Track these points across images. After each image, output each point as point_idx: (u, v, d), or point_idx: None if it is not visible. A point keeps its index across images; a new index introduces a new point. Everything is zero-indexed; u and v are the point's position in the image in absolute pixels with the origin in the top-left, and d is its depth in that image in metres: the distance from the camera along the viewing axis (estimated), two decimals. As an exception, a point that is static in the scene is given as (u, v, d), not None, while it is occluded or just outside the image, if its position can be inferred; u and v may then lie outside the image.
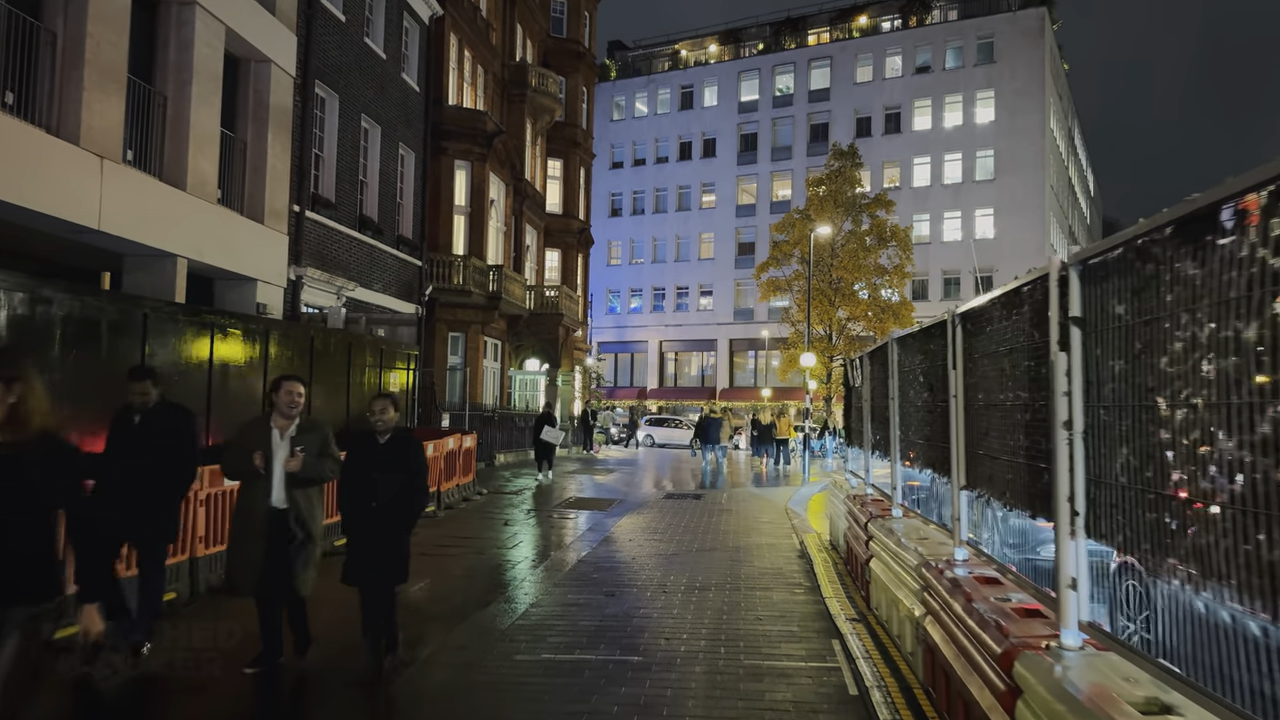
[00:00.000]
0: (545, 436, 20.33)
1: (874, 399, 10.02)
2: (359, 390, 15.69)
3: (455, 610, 7.97)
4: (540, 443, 20.45)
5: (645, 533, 12.97)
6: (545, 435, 20.32)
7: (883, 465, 10.35)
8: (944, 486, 6.67)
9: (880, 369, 9.51)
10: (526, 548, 11.71)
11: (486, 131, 27.33)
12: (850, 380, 12.08)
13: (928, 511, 7.32)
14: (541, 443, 20.40)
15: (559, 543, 12.05)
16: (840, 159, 41.25)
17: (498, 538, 12.48)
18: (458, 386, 26.89)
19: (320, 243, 19.59)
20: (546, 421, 20.66)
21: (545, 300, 33.10)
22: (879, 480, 10.16)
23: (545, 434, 20.31)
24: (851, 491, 10.90)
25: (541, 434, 20.34)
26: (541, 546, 11.92)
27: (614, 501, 17.02)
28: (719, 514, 15.40)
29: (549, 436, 20.36)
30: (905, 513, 8.14)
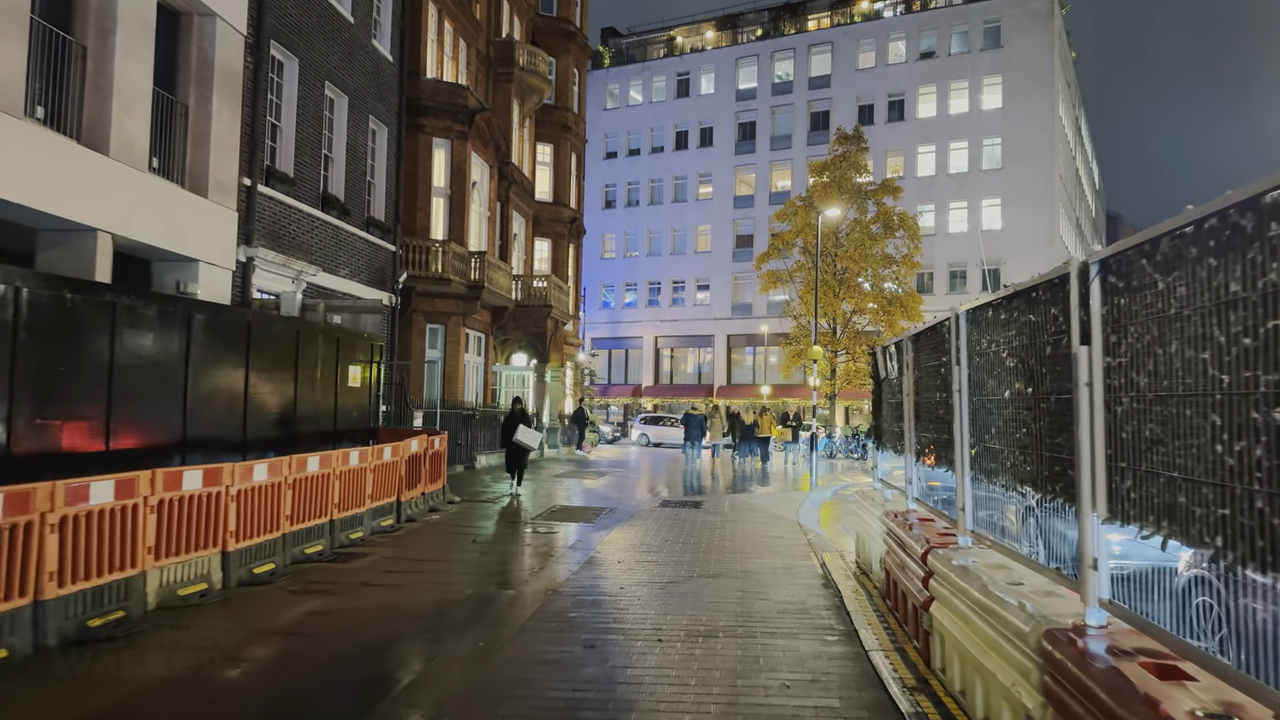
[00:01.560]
0: (520, 439, 17.02)
1: (920, 393, 8.06)
2: (310, 385, 13.71)
3: (375, 680, 5.98)
4: (512, 447, 17.22)
5: (637, 551, 11.00)
6: (520, 438, 17.00)
7: (917, 471, 8.47)
8: (1054, 514, 4.72)
9: (932, 354, 7.56)
10: (493, 574, 9.74)
11: (468, 108, 25.32)
12: (882, 371, 10.13)
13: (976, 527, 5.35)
14: (514, 447, 17.18)
15: (535, 567, 10.07)
16: (844, 143, 39.27)
17: (461, 560, 10.50)
18: (436, 382, 24.88)
19: (276, 221, 17.58)
20: (520, 420, 17.30)
21: (533, 291, 31.10)
22: (924, 490, 8.21)
23: (520, 436, 17.00)
24: (889, 507, 8.93)
25: (515, 436, 17.01)
26: (512, 572, 9.94)
27: (603, 511, 15.05)
28: (722, 526, 13.44)
29: (524, 439, 17.05)
30: (976, 540, 6.19)
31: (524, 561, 10.44)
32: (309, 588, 8.63)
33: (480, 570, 9.87)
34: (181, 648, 6.56)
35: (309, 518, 10.11)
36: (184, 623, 7.16)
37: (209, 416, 11.00)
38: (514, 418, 17.40)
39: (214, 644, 6.67)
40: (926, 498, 10.47)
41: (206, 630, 7.02)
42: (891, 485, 9.90)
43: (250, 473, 8.97)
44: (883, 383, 10.23)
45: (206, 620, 7.29)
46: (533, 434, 17.34)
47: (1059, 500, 4.65)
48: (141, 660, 6.24)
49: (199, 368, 10.73)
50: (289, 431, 12.94)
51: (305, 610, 7.79)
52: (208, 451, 10.69)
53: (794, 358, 40.72)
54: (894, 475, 9.92)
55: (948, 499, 10.37)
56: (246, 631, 7.02)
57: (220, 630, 7.03)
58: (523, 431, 17.04)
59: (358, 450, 11.53)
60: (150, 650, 6.43)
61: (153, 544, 7.49)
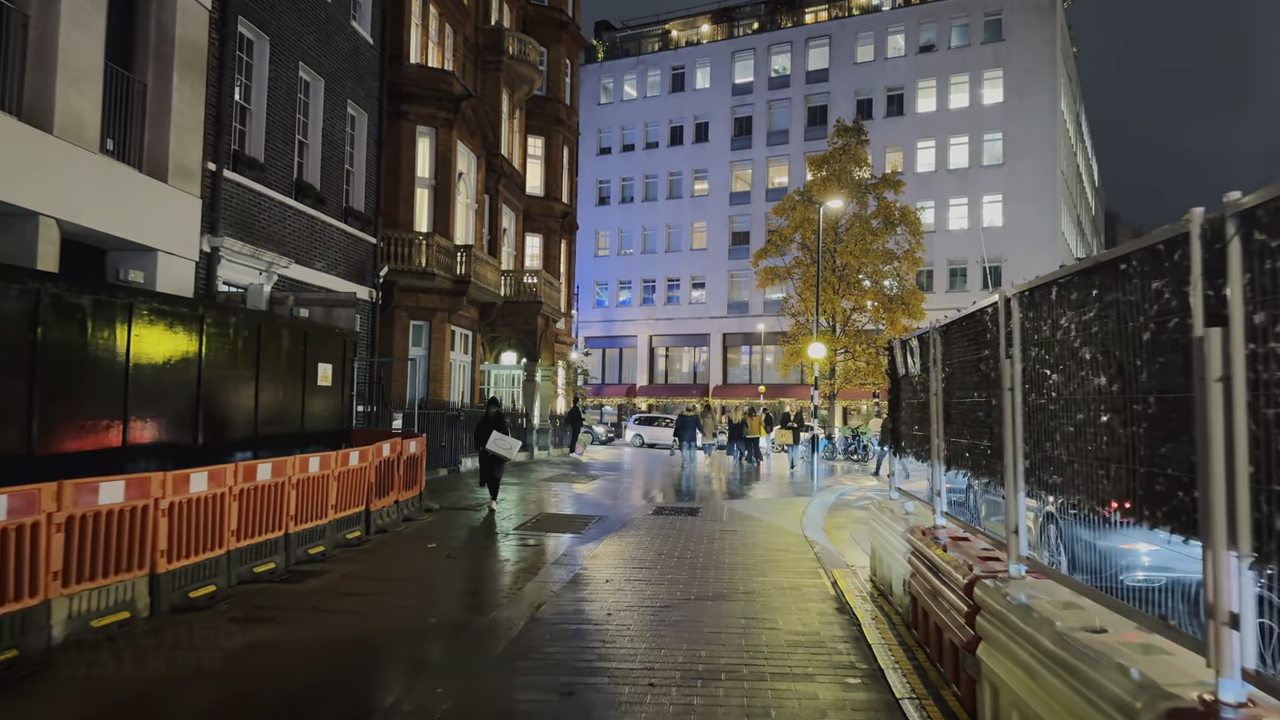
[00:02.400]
0: (494, 447, 14.59)
1: (952, 392, 7.01)
2: (274, 383, 12.61)
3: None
4: (486, 455, 14.84)
5: (627, 567, 9.94)
6: (494, 445, 14.57)
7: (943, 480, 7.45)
8: (1168, 544, 3.67)
9: (969, 347, 6.50)
10: (464, 597, 8.68)
11: (453, 94, 24.23)
12: (901, 367, 9.08)
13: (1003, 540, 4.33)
14: (488, 455, 14.81)
15: (512, 587, 8.99)
16: (844, 135, 38.22)
17: (430, 579, 9.43)
18: (420, 381, 23.79)
19: (244, 210, 16.49)
20: (495, 425, 14.90)
21: (523, 287, 30.01)
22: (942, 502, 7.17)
23: (494, 443, 14.57)
24: (913, 521, 7.87)
25: (489, 443, 14.59)
26: (486, 594, 8.87)
27: (592, 520, 13.98)
28: (720, 537, 12.38)
29: (498, 447, 14.62)
30: (1029, 568, 5.14)
31: (500, 580, 9.36)
32: (252, 614, 7.55)
33: (450, 591, 8.80)
34: (72, 693, 5.48)
35: (260, 532, 9.03)
36: (87, 661, 6.07)
37: (156, 419, 9.91)
38: (488, 421, 15.06)
39: (109, 690, 5.59)
40: (921, 493, 9.45)
41: (109, 670, 5.94)
42: (912, 496, 8.85)
43: (186, 483, 7.88)
44: (901, 381, 9.18)
45: (115, 658, 6.21)
46: (509, 441, 14.86)
47: (1165, 528, 3.59)
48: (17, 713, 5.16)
49: (142, 364, 9.63)
50: (249, 434, 11.84)
51: (239, 644, 6.71)
52: (154, 458, 9.60)
53: (791, 356, 39.68)
54: (912, 484, 8.88)
55: (958, 501, 9.34)
56: (157, 673, 5.95)
57: (127, 671, 5.96)
58: (497, 438, 14.66)
59: (319, 456, 10.45)
60: (34, 697, 5.35)
61: (60, 568, 6.40)
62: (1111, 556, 8.64)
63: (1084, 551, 8.45)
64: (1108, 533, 7.93)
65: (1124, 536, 8.08)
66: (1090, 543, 8.22)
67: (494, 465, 14.98)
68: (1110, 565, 8.42)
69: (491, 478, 15.08)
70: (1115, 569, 8.55)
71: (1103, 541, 8.34)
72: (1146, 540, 7.71)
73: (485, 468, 15.14)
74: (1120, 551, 8.69)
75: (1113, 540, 8.23)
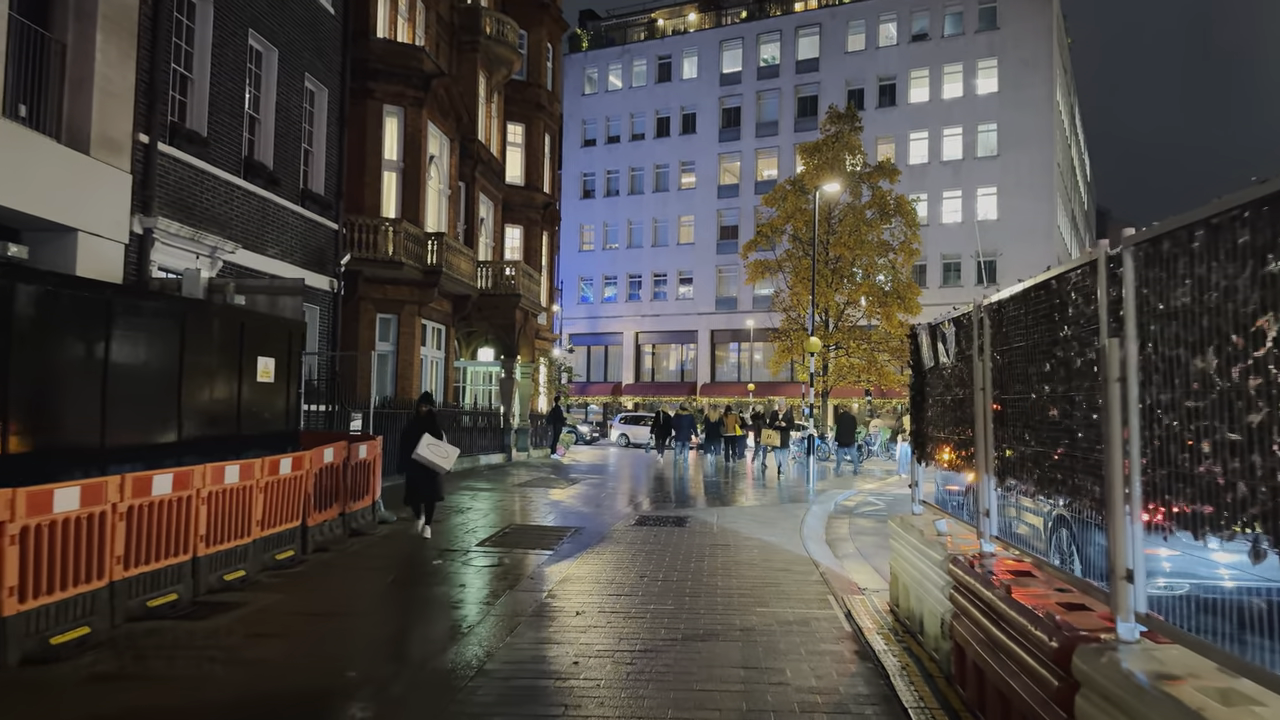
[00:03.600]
0: (424, 455, 11.26)
1: (1010, 386, 5.53)
2: (202, 379, 11.03)
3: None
4: (412, 468, 11.43)
5: (604, 594, 8.44)
6: (424, 453, 11.26)
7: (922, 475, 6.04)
8: None
9: (1035, 327, 5.03)
10: (400, 638, 7.16)
11: (423, 71, 22.65)
12: (927, 357, 7.61)
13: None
14: (415, 468, 11.40)
15: (461, 624, 7.46)
16: (837, 122, 36.79)
17: (364, 613, 7.89)
18: (388, 378, 22.22)
19: (183, 188, 14.90)
20: (426, 428, 11.56)
21: (501, 279, 28.42)
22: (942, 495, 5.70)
23: (424, 451, 11.27)
24: (949, 546, 6.39)
25: (418, 449, 11.25)
26: (428, 634, 7.35)
27: (568, 532, 12.47)
28: (711, 553, 10.89)
29: (430, 456, 11.28)
30: (1147, 626, 3.67)
31: (449, 615, 7.83)
32: (126, 667, 6.02)
33: (383, 631, 7.27)
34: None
35: (157, 557, 7.48)
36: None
37: (49, 422, 8.35)
38: (418, 423, 11.71)
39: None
40: (944, 505, 7.99)
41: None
42: (939, 511, 7.37)
43: (48, 501, 6.33)
44: (929, 374, 7.71)
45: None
46: (445, 448, 11.50)
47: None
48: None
49: (27, 356, 8.07)
50: (171, 438, 10.28)
51: (84, 716, 5.16)
52: (40, 466, 8.04)
53: (783, 354, 38.23)
54: (951, 496, 7.40)
55: (959, 504, 7.89)
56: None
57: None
58: (429, 445, 11.30)
59: (239, 464, 8.89)
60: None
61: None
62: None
63: (1099, 557, 7.08)
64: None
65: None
66: (1104, 547, 6.80)
67: (426, 480, 11.47)
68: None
69: (422, 496, 11.59)
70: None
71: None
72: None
73: (413, 483, 11.54)
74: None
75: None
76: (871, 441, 35.49)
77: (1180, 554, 7.23)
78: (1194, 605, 3.76)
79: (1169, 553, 7.67)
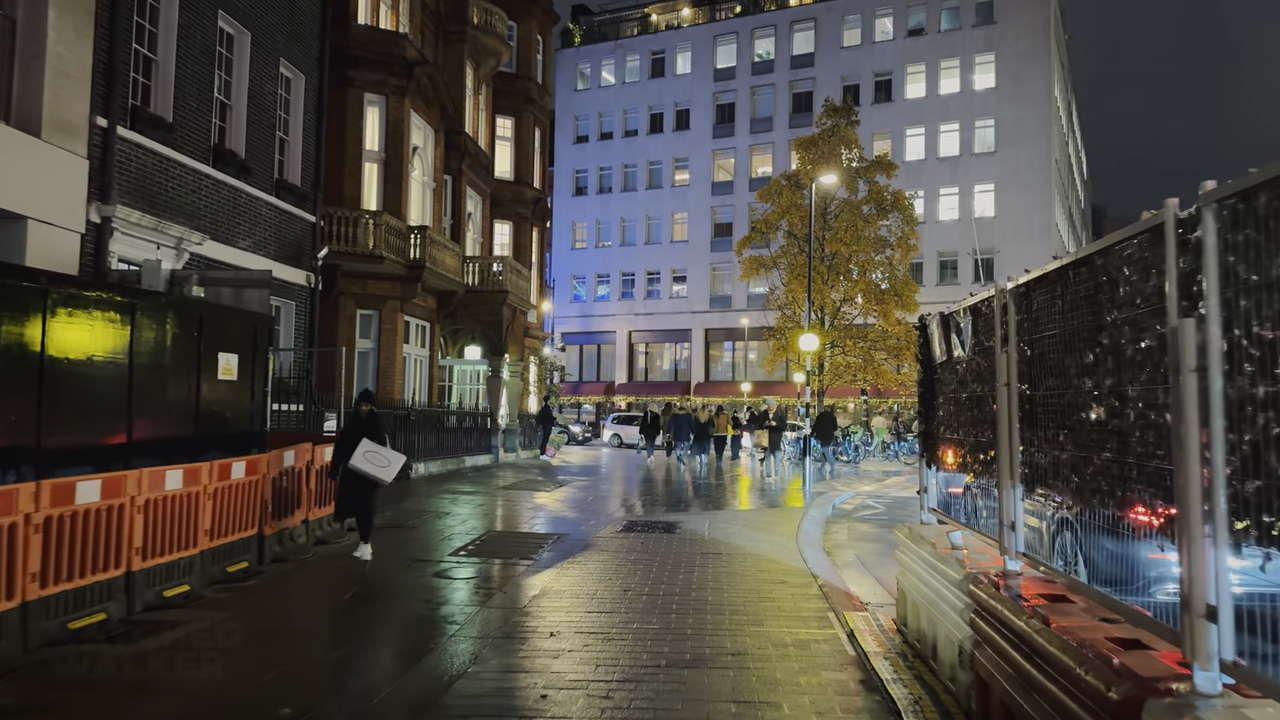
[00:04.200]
0: (361, 465, 9.57)
1: (1041, 381, 4.81)
2: (156, 375, 10.27)
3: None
4: (349, 478, 9.71)
5: (583, 610, 7.69)
6: (361, 462, 9.57)
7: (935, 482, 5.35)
8: None
9: (1074, 311, 4.30)
10: (349, 666, 6.39)
11: (406, 59, 21.89)
12: (938, 350, 6.88)
13: None
14: (351, 478, 9.70)
15: (419, 648, 6.71)
16: (833, 116, 36.04)
17: (314, 633, 7.13)
18: (369, 377, 21.45)
19: (146, 175, 14.13)
20: (366, 431, 9.85)
21: (489, 275, 27.65)
22: (943, 499, 4.97)
23: (359, 461, 9.57)
24: (967, 562, 5.65)
25: (355, 458, 9.58)
26: (380, 662, 6.60)
27: (549, 540, 11.72)
28: (702, 562, 10.15)
29: (367, 465, 9.58)
30: (1234, 677, 2.94)
31: (409, 636, 7.07)
32: (29, 701, 5.26)
33: (332, 656, 6.51)
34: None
35: (81, 574, 6.72)
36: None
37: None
38: (358, 425, 10.00)
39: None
40: (956, 512, 7.27)
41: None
42: (951, 521, 6.64)
43: (-57, 513, 5.57)
44: (940, 368, 6.98)
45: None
46: (387, 454, 9.78)
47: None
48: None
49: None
50: (119, 439, 9.51)
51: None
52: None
53: (778, 352, 37.50)
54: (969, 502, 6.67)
55: (973, 508, 7.19)
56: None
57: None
58: (366, 452, 9.56)
59: (183, 468, 8.13)
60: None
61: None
62: (1139, 568, 6.68)
63: (1105, 562, 6.37)
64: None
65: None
66: (1114, 552, 6.09)
67: (360, 492, 9.76)
68: (1139, 577, 6.45)
69: (359, 508, 9.86)
70: (1145, 581, 6.64)
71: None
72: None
73: (347, 494, 9.81)
74: (1150, 562, 6.72)
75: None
76: (869, 441, 34.82)
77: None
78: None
79: (1241, 564, 6.98)
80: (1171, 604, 3.49)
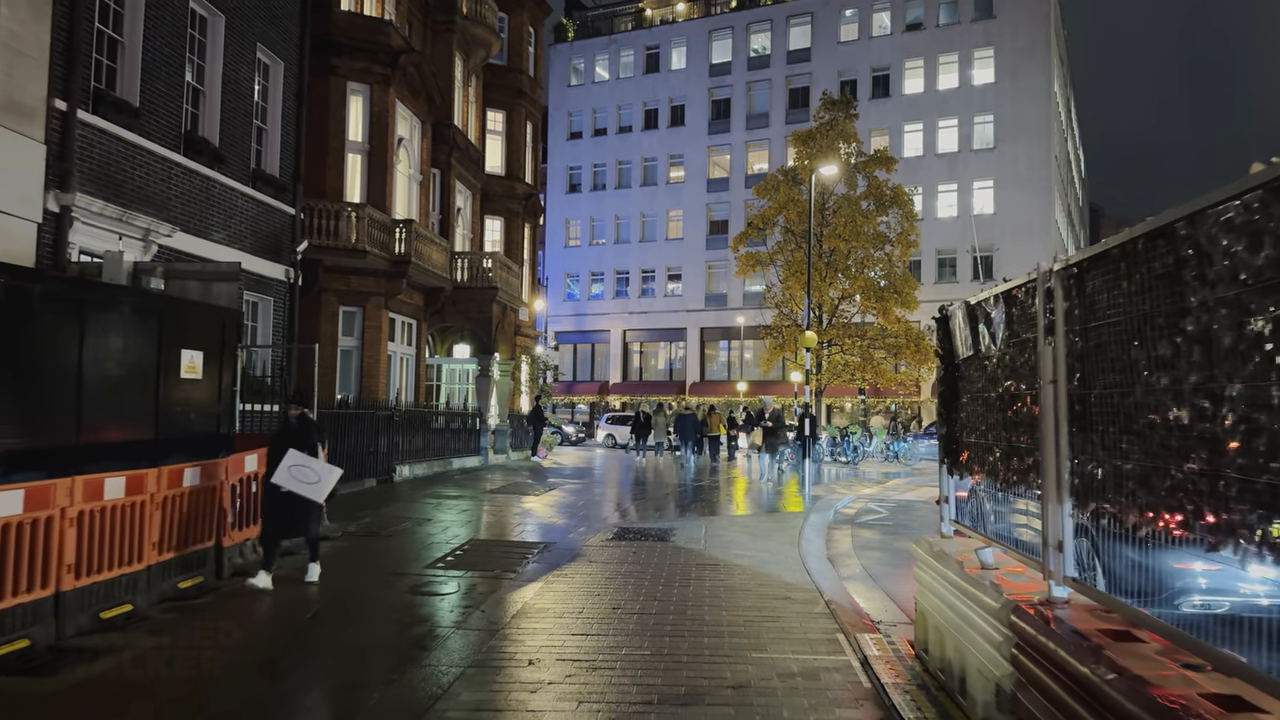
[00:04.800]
0: (282, 481, 8.30)
1: (1092, 378, 4.09)
2: (103, 372, 9.54)
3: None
4: (274, 495, 8.40)
5: (567, 633, 6.97)
6: (285, 479, 8.29)
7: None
8: None
9: (1154, 292, 3.57)
10: (293, 703, 5.65)
11: (391, 46, 21.13)
12: (961, 345, 6.17)
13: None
14: (277, 495, 8.37)
15: (380, 679, 5.97)
16: (831, 110, 35.33)
17: (260, 666, 6.37)
18: (352, 376, 20.70)
19: (110, 163, 13.36)
20: (295, 439, 8.57)
21: (478, 272, 26.88)
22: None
23: (282, 476, 8.29)
24: (1004, 585, 4.92)
25: (277, 473, 8.32)
26: (334, 696, 5.86)
27: (535, 549, 10.99)
28: (698, 575, 9.43)
29: (292, 482, 8.27)
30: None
31: (370, 664, 6.32)
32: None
33: (277, 689, 5.77)
34: None
35: (1, 595, 5.97)
36: None
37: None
38: (287, 434, 8.67)
39: None
40: (961, 515, 6.57)
41: None
42: (976, 535, 5.91)
43: None
44: (964, 364, 6.26)
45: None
46: (317, 468, 8.40)
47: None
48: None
49: None
50: (66, 442, 8.78)
51: None
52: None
53: (775, 351, 36.80)
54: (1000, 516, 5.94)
55: (995, 514, 6.48)
56: None
57: None
58: (291, 466, 8.25)
59: (125, 475, 7.37)
60: None
61: None
62: (1166, 578, 5.97)
63: (1127, 571, 5.70)
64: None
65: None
66: (1137, 561, 5.40)
67: (287, 510, 8.29)
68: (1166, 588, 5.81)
69: (294, 532, 8.54)
70: (1171, 592, 6.02)
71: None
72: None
73: (277, 513, 8.36)
74: (1176, 572, 6.09)
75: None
76: (866, 442, 34.13)
77: (1220, 569, 5.99)
78: (1233, 626, 2.95)
79: (1205, 567, 6.36)
80: (1195, 615, 2.84)
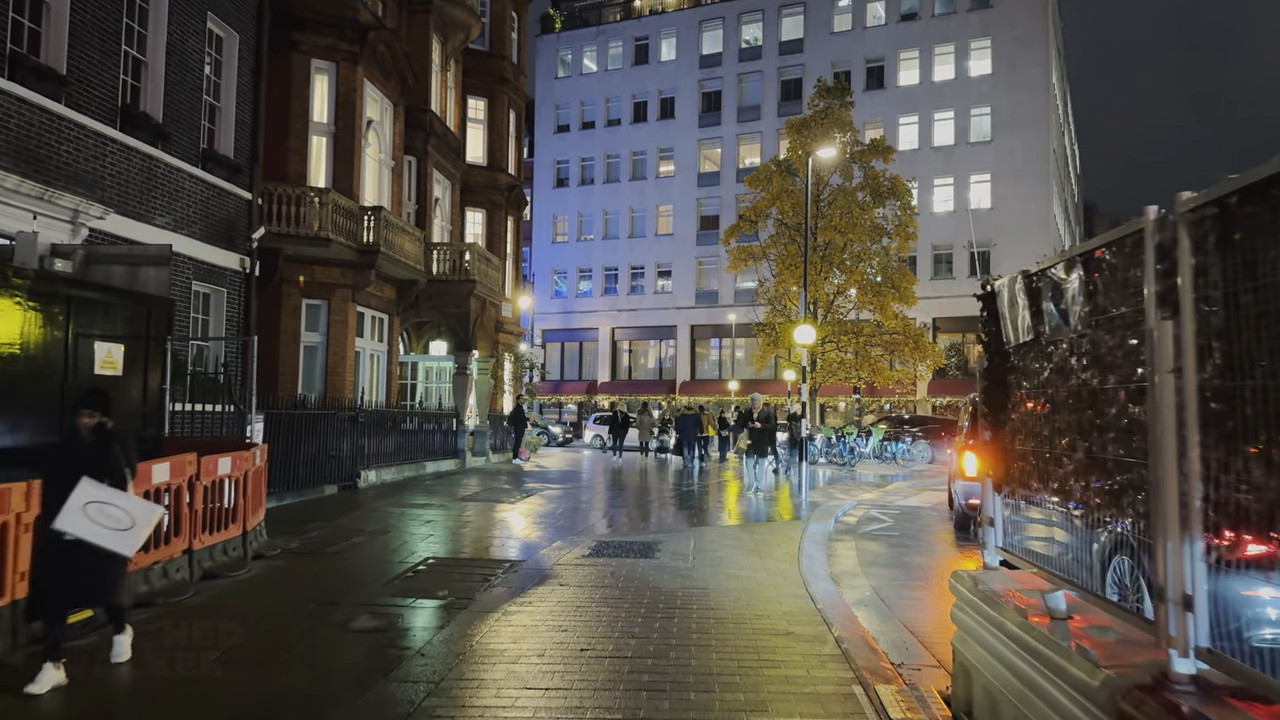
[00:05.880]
0: (70, 526, 5.32)
1: (1245, 367, 2.79)
2: (13, 370, 8.22)
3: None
4: (54, 542, 5.41)
5: (519, 688, 5.66)
6: (68, 524, 5.31)
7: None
8: None
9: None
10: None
11: (359, 22, 19.78)
12: (1024, 327, 4.87)
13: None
14: (58, 544, 5.39)
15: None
16: (826, 97, 34.12)
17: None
18: (316, 374, 19.35)
19: (29, 135, 11.98)
20: (88, 462, 5.57)
21: (456, 264, 25.54)
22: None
23: (70, 520, 5.30)
24: (1098, 650, 3.62)
25: (62, 513, 5.33)
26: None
27: (500, 568, 9.68)
28: (683, 601, 8.13)
29: (86, 528, 5.33)
30: None
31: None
32: None
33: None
34: None
35: None
36: None
37: None
38: (74, 454, 5.72)
39: None
40: (1009, 542, 5.30)
41: None
42: (1035, 567, 4.62)
43: None
44: (1013, 353, 4.98)
45: None
46: (126, 508, 5.54)
47: None
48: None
49: None
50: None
51: None
52: None
53: (768, 348, 35.55)
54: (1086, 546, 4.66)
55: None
56: None
57: None
58: (88, 503, 5.38)
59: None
60: None
61: None
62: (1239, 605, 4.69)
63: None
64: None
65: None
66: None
67: (85, 567, 5.50)
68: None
69: (75, 594, 5.72)
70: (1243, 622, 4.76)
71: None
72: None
73: (55, 572, 5.53)
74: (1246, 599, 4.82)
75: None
76: (863, 443, 32.90)
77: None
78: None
79: (1274, 594, 5.13)
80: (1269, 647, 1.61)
